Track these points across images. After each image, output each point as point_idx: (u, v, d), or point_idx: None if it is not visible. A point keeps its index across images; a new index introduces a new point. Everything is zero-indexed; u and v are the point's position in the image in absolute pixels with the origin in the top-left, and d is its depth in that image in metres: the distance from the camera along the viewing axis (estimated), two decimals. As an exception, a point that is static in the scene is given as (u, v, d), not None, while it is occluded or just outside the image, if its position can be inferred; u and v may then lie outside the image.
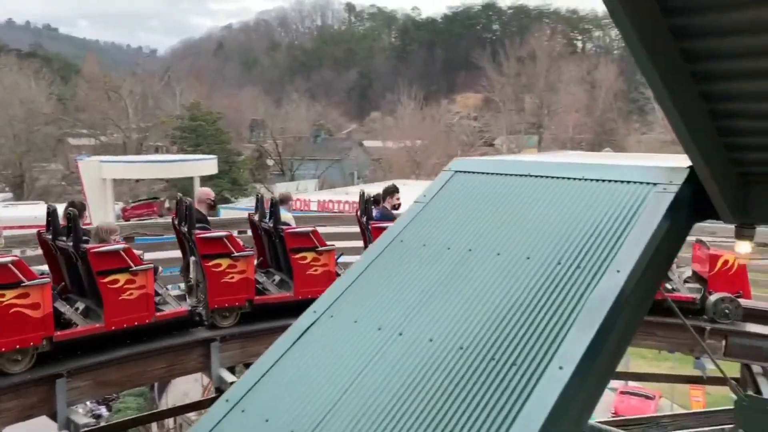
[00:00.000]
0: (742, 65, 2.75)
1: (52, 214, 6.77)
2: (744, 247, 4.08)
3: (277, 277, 8.13)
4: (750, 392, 9.22)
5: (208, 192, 8.57)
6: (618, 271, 2.93)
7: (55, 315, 6.13)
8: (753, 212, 3.61)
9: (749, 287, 8.37)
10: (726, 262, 8.23)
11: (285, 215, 8.36)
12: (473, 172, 4.07)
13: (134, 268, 6.46)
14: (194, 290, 7.60)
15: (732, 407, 6.11)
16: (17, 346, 5.75)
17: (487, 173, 4.02)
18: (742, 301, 8.15)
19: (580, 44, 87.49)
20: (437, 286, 3.20)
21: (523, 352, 2.71)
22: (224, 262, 7.19)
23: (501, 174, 4.01)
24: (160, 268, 7.69)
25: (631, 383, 19.48)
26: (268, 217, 8.13)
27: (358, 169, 66.68)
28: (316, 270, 7.72)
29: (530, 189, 3.76)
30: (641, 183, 3.41)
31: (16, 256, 6.17)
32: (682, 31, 2.63)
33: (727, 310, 8.08)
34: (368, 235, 8.13)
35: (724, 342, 8.01)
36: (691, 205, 3.41)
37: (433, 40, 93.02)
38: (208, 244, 7.19)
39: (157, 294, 6.89)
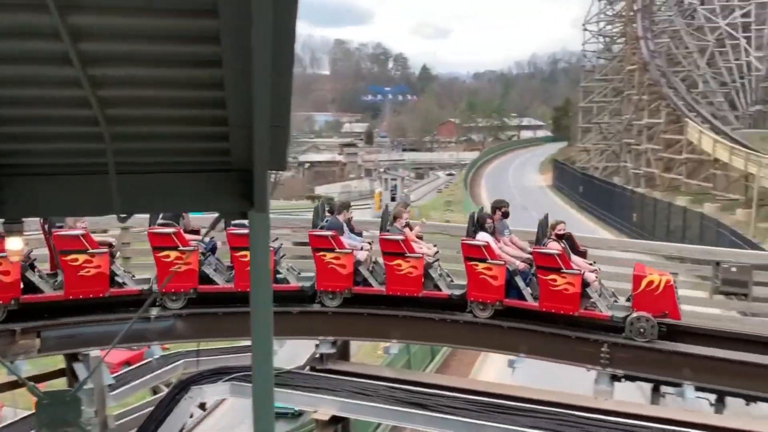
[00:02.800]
0: None
1: None
2: (14, 243, 3.88)
3: None
4: (74, 381, 9.36)
5: None
6: None
7: None
8: (10, 207, 3.44)
9: (677, 307, 8.54)
10: (651, 282, 8.49)
11: None
12: None
13: None
14: None
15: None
16: None
17: None
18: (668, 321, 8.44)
19: None
20: None
21: None
22: None
23: None
24: None
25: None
26: None
27: None
28: None
29: None
30: None
31: None
32: None
33: (642, 329, 8.42)
34: None
35: (38, 339, 7.81)
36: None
37: None
38: None
39: None
